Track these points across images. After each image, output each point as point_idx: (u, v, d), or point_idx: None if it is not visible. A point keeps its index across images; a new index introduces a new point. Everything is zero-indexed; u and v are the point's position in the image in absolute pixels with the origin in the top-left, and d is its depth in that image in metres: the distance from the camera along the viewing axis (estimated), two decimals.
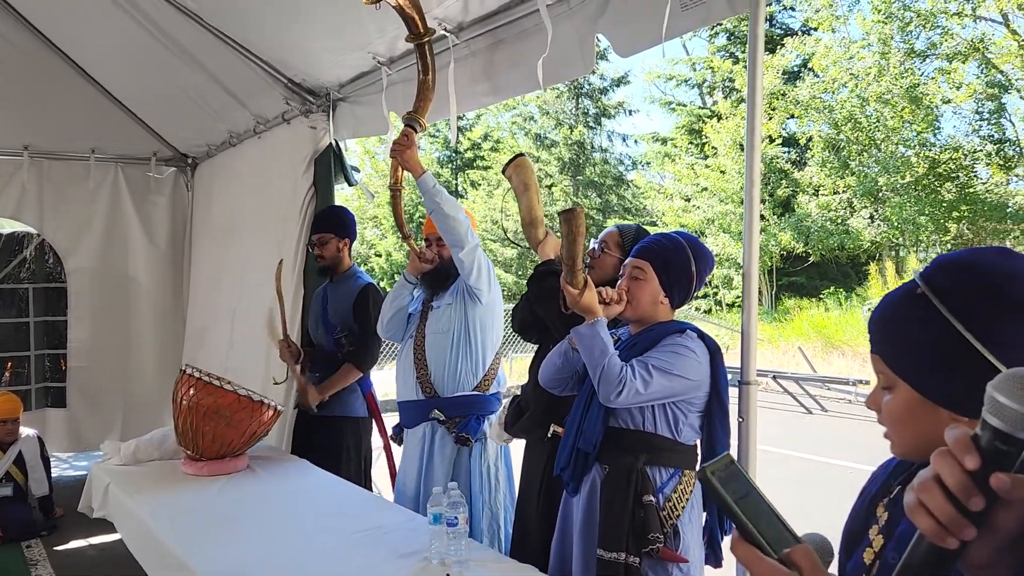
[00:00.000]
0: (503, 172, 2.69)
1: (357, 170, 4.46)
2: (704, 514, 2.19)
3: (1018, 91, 17.70)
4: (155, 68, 4.58)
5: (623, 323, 2.36)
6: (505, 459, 3.09)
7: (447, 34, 3.17)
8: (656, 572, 2.04)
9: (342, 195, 12.96)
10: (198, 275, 5.70)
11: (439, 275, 3.13)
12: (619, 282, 2.25)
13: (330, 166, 4.17)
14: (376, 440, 3.70)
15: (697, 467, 2.20)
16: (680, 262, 2.20)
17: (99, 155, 5.52)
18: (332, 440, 3.57)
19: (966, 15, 17.82)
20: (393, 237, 22.57)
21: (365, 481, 3.56)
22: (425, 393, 3.04)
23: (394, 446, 3.43)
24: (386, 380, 8.23)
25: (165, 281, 5.87)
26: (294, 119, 4.31)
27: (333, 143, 4.20)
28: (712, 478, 0.80)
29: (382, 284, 20.91)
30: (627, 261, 2.26)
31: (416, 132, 2.97)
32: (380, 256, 23.35)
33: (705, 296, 22.43)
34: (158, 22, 4.08)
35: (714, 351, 2.17)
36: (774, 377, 11.77)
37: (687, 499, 2.12)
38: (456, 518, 2.00)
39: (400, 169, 3.09)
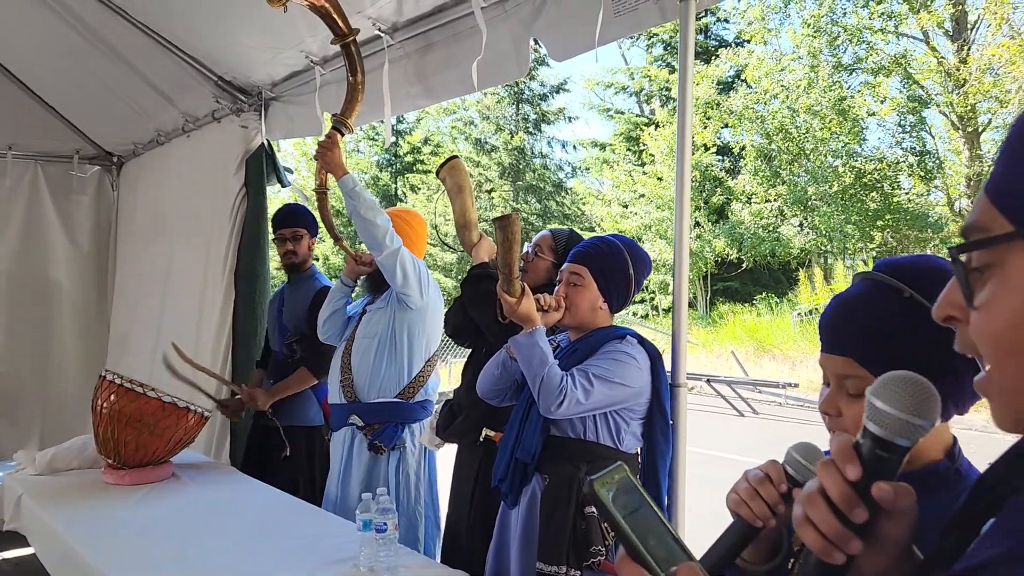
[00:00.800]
0: (437, 174, 2.66)
1: (290, 171, 4.37)
2: None
3: (937, 106, 18.46)
4: (78, 63, 4.42)
5: (561, 329, 2.33)
6: (429, 467, 3.04)
7: (381, 34, 3.13)
8: None
9: (279, 198, 12.71)
10: (123, 278, 5.51)
11: (377, 278, 3.08)
12: (557, 288, 2.21)
13: (262, 167, 4.08)
14: None
15: (638, 476, 2.16)
16: (618, 266, 2.17)
17: (16, 152, 5.28)
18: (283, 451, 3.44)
19: (889, 31, 18.54)
20: (330, 241, 22.29)
21: (320, 492, 3.43)
22: (347, 397, 3.00)
23: None
24: None
25: (88, 284, 5.65)
26: (225, 118, 4.21)
27: (265, 143, 4.11)
28: (599, 491, 0.75)
29: None
30: (564, 267, 2.22)
31: (343, 135, 2.93)
32: (317, 260, 23.07)
33: (642, 301, 22.77)
34: (82, 16, 3.94)
35: (654, 357, 2.14)
36: (708, 381, 12.00)
37: None
38: (385, 524, 1.97)
39: (325, 172, 3.05)
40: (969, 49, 17.17)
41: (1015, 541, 0.51)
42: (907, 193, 19.42)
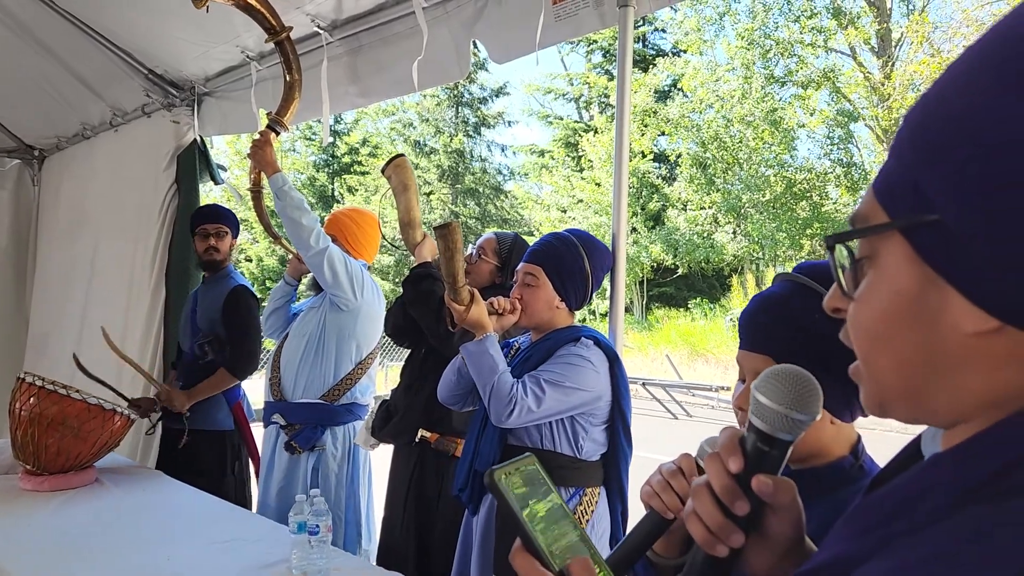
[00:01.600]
0: (382, 171, 2.64)
1: (224, 169, 4.27)
2: (608, 530, 2.11)
3: (864, 120, 19.14)
4: None
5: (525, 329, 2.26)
6: (355, 469, 3.00)
7: (320, 31, 3.09)
8: None
9: (212, 196, 12.43)
10: (43, 277, 5.29)
11: None
12: (513, 289, 2.16)
13: (194, 163, 3.98)
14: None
15: (600, 483, 2.11)
16: (573, 263, 2.09)
17: None
18: (195, 457, 3.33)
19: (819, 46, 19.14)
20: (265, 242, 21.79)
21: (241, 499, 3.33)
22: (274, 395, 2.97)
23: None
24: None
25: (6, 283, 5.41)
26: (155, 112, 4.09)
27: (198, 139, 4.02)
28: (500, 482, 0.72)
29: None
30: (519, 267, 2.16)
31: (277, 134, 2.90)
32: (251, 261, 22.56)
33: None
34: (2, 3, 3.77)
35: (612, 358, 2.07)
36: (643, 384, 12.16)
37: (588, 518, 2.03)
38: (318, 526, 1.93)
39: (259, 170, 3.01)
40: (893, 65, 17.85)
41: (843, 547, 0.52)
42: (835, 203, 20.07)
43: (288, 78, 2.91)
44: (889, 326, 0.54)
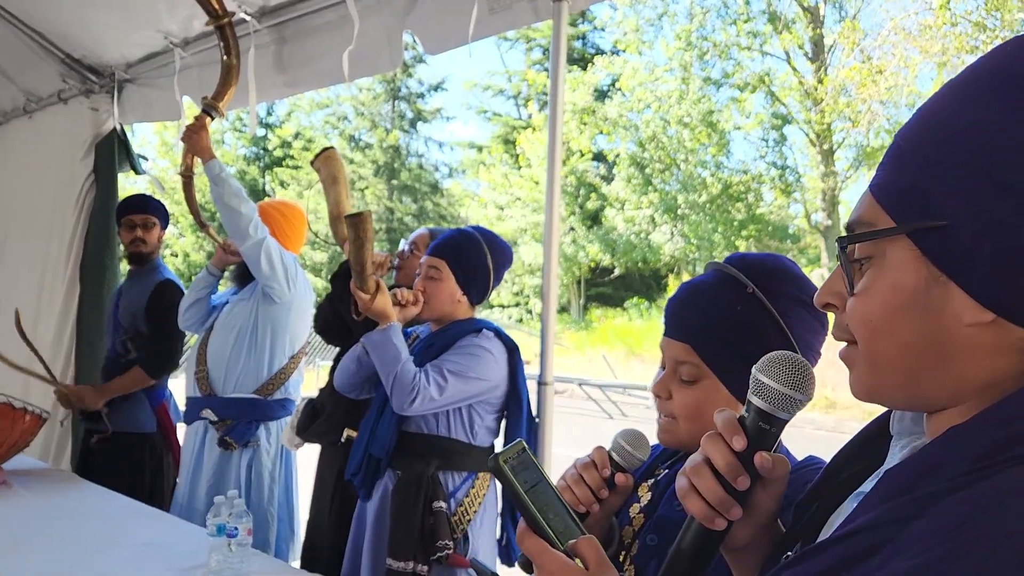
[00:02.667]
0: (311, 164, 2.61)
1: (145, 158, 4.11)
2: (498, 515, 2.20)
3: (797, 123, 19.64)
4: None
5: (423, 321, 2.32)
6: (286, 467, 2.93)
7: (247, 18, 3.00)
8: None
9: (134, 187, 12.01)
10: None
11: (244, 268, 2.94)
12: (416, 282, 2.21)
13: (113, 152, 3.83)
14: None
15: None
16: (476, 258, 2.18)
17: None
18: (114, 460, 3.17)
19: (755, 50, 19.58)
20: (192, 236, 21.06)
21: (161, 502, 3.17)
22: (201, 390, 2.87)
23: None
24: None
25: None
26: (72, 99, 3.91)
27: (118, 127, 3.86)
28: (504, 467, 0.78)
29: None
30: (422, 260, 2.22)
31: (212, 119, 2.81)
32: (176, 256, 21.85)
33: (517, 305, 23.01)
34: None
35: (511, 349, 2.17)
36: (580, 384, 12.24)
37: (479, 503, 2.11)
38: (236, 529, 1.86)
39: (192, 155, 2.93)
40: (826, 70, 18.36)
41: (874, 514, 0.57)
42: (769, 205, 20.56)
43: (226, 60, 2.84)
44: (893, 318, 0.60)
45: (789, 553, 0.72)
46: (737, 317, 1.02)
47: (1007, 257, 0.54)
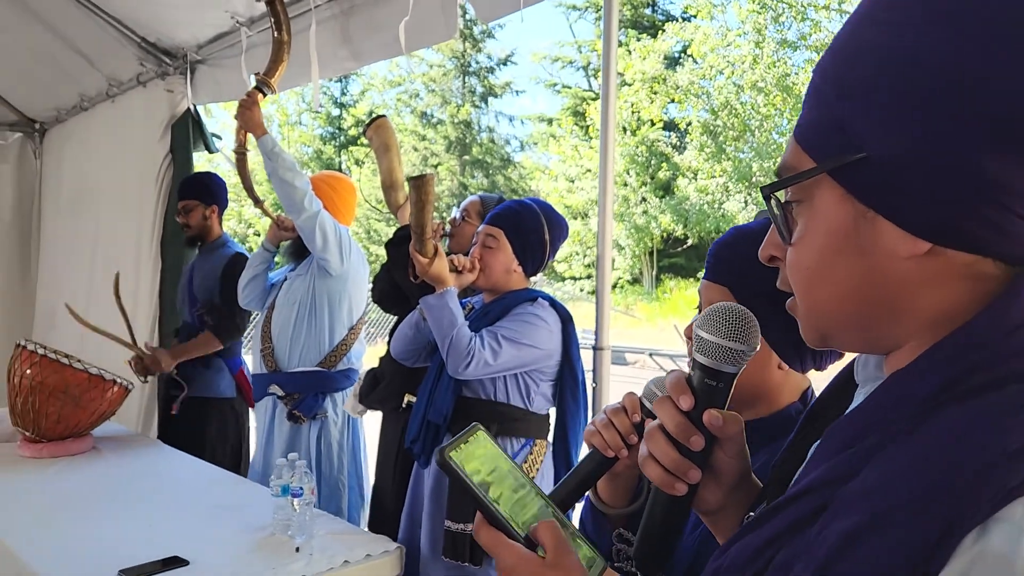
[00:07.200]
0: (364, 133, 2.64)
1: (219, 137, 4.26)
2: (553, 483, 2.22)
3: None
4: None
5: (478, 291, 2.35)
6: (353, 436, 3.02)
7: None
8: None
9: (217, 168, 12.41)
10: (48, 250, 5.31)
11: (299, 244, 3.03)
12: (472, 250, 2.24)
13: (188, 132, 3.97)
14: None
15: (549, 436, 2.23)
16: (533, 229, 2.19)
17: None
18: (195, 424, 3.36)
19: (833, 8, 18.81)
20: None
21: (240, 466, 3.37)
22: (267, 367, 2.96)
23: None
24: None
25: (11, 257, 5.43)
26: (150, 82, 4.07)
27: (191, 108, 4.00)
28: (450, 460, 0.70)
29: None
30: (480, 228, 2.24)
31: (264, 95, 2.88)
32: (259, 236, 22.55)
33: (589, 277, 22.90)
34: None
35: (566, 319, 2.18)
36: (651, 355, 12.17)
37: (537, 468, 2.14)
38: (301, 489, 1.94)
39: (245, 132, 3.00)
40: None
41: (824, 469, 0.55)
42: None
43: (277, 37, 2.89)
44: (829, 263, 0.57)
45: (751, 514, 0.70)
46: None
47: (932, 180, 0.51)
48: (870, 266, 0.55)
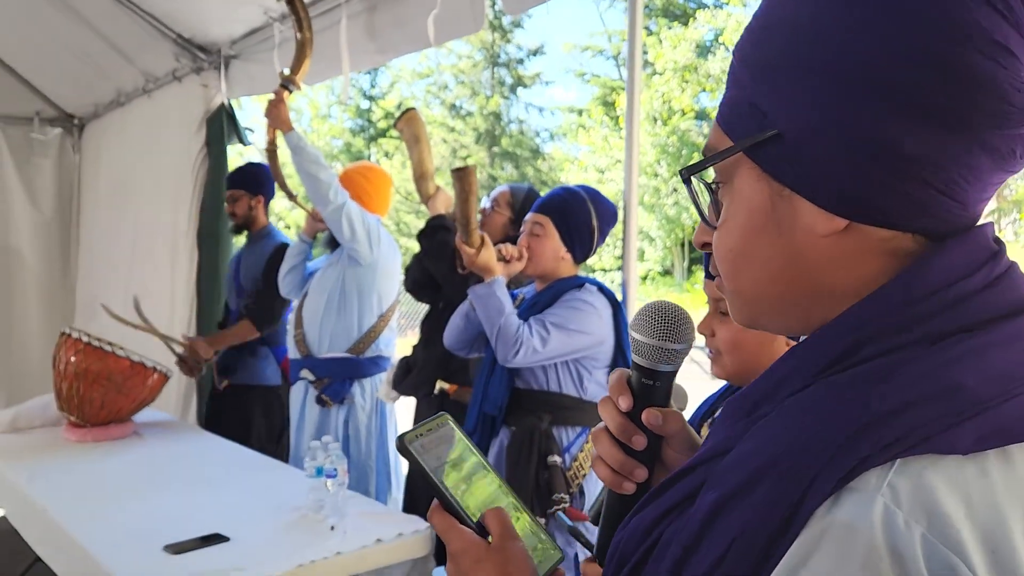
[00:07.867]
0: (394, 126, 2.69)
1: (251, 131, 4.33)
2: None
3: None
4: (35, 22, 4.33)
5: (529, 281, 2.35)
6: (381, 421, 3.08)
7: None
8: (562, 532, 2.02)
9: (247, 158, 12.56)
10: (88, 243, 5.45)
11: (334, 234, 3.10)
12: (520, 238, 2.23)
13: (222, 126, 4.05)
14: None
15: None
16: (580, 216, 2.17)
17: None
18: (240, 412, 3.46)
19: None
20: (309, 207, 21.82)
21: (283, 453, 3.42)
22: (300, 352, 3.05)
23: None
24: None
25: (52, 250, 5.57)
26: (185, 77, 4.15)
27: (226, 102, 4.08)
28: (409, 446, 0.70)
29: None
30: (527, 217, 2.23)
31: (290, 92, 2.97)
32: (289, 229, 22.71)
33: (619, 269, 22.82)
34: None
35: (615, 304, 2.16)
36: None
37: None
38: (335, 470, 2.00)
39: (274, 128, 3.07)
40: None
41: (719, 439, 0.56)
42: None
43: (299, 36, 2.96)
44: (749, 243, 0.57)
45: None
46: None
47: (841, 155, 0.50)
48: (790, 245, 0.54)
